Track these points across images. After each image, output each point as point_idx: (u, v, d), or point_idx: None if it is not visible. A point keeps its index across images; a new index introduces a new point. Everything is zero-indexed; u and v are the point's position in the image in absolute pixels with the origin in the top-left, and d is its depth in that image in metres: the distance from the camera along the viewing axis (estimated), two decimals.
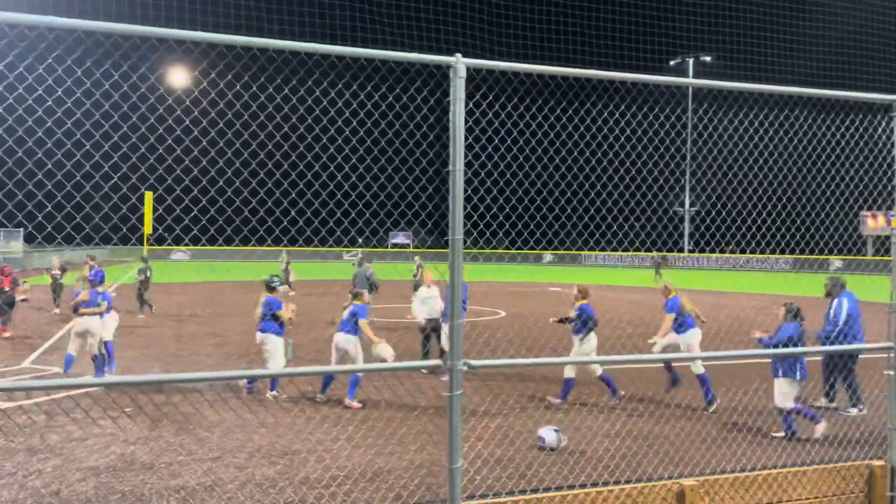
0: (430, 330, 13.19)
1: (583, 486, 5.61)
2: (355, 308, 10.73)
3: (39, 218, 4.37)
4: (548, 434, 8.44)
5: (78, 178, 4.45)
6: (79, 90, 4.25)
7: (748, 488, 5.89)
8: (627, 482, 5.79)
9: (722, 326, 17.55)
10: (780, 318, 9.26)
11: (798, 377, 8.93)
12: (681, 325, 10.90)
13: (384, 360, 8.60)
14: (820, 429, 9.00)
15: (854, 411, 10.33)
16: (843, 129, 7.00)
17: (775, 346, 8.87)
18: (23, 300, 23.05)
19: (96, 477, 7.29)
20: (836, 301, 10.53)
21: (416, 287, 12.47)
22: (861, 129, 6.96)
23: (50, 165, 4.35)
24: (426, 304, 13.18)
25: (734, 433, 9.23)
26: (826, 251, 9.91)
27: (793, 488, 6.04)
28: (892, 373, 6.15)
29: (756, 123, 7.13)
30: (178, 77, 5.46)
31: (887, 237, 58.68)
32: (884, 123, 6.30)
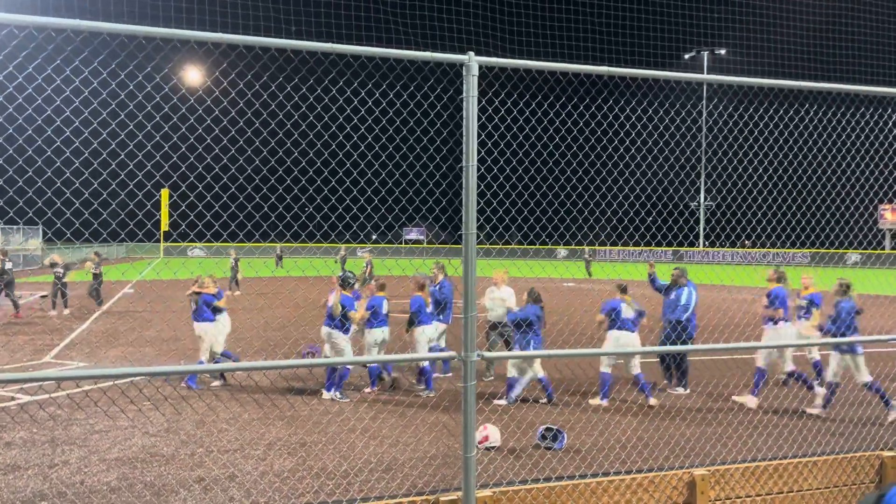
0: (497, 332, 12.62)
1: (595, 475, 5.71)
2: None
3: (71, 215, 4.53)
4: (539, 432, 8.49)
5: (104, 176, 4.61)
6: (105, 91, 4.40)
7: (759, 478, 5.95)
8: (639, 472, 5.89)
9: (711, 320, 17.55)
10: (525, 300, 10.81)
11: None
12: (371, 322, 11.56)
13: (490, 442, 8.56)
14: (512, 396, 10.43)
15: (681, 390, 11.19)
16: (862, 122, 7.02)
17: (514, 322, 10.49)
18: (42, 296, 23.44)
19: (120, 467, 7.49)
20: (682, 290, 11.31)
21: (363, 284, 12.40)
22: (882, 123, 6.99)
23: (78, 164, 4.50)
24: (493, 303, 13.00)
25: (745, 424, 9.29)
26: (845, 245, 9.97)
27: (803, 478, 6.09)
28: None
29: (776, 118, 7.17)
30: (199, 76, 5.61)
31: None
32: (895, 116, 6.34)
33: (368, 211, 5.70)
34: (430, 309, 11.75)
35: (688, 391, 11.31)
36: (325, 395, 10.59)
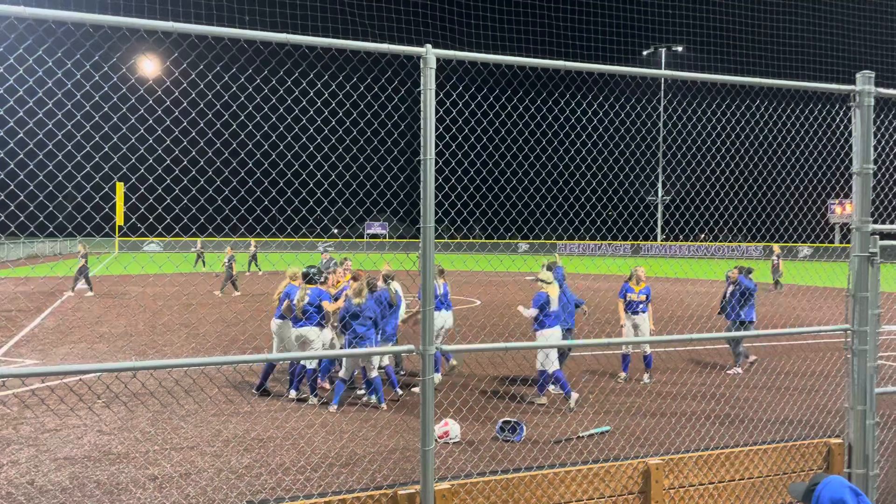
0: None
1: (552, 466, 5.76)
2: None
3: (21, 208, 4.39)
4: (498, 425, 8.55)
5: (50, 167, 4.47)
6: (50, 80, 4.27)
7: (711, 466, 6.08)
8: (595, 462, 5.96)
9: (674, 312, 17.88)
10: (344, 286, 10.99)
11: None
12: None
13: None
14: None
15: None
16: (811, 118, 7.18)
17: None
18: None
19: (72, 466, 7.31)
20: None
21: (226, 280, 12.20)
22: (829, 119, 7.16)
23: (22, 155, 4.36)
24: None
25: (698, 414, 9.48)
26: (795, 238, 10.19)
27: (754, 466, 6.24)
28: (849, 354, 6.37)
29: (728, 113, 7.30)
30: (151, 67, 5.48)
31: None
32: (841, 113, 6.50)
33: (325, 204, 5.64)
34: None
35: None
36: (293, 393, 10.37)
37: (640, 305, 11.93)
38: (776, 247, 30.20)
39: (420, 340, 4.72)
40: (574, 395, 10.07)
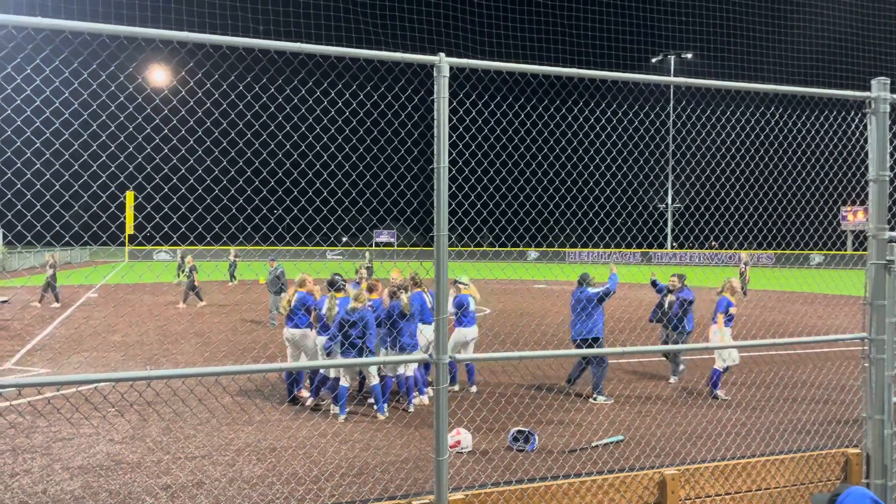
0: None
1: (566, 476, 5.71)
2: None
3: (30, 218, 4.41)
4: (511, 434, 8.50)
5: (67, 177, 4.49)
6: (67, 90, 4.29)
7: (727, 476, 6.01)
8: (611, 472, 5.91)
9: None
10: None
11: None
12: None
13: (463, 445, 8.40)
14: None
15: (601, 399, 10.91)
16: (826, 125, 7.13)
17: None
18: (3, 301, 22.93)
19: (84, 475, 7.32)
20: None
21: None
22: (844, 125, 7.10)
23: (39, 165, 4.39)
24: None
25: (714, 423, 9.39)
26: (809, 245, 10.11)
27: (771, 476, 6.17)
28: (866, 363, 6.29)
29: (743, 120, 7.26)
30: (163, 76, 5.51)
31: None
32: (857, 120, 6.44)
33: (339, 213, 5.64)
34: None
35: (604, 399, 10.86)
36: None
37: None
38: (744, 254, 29.80)
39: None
40: (416, 401, 10.44)
